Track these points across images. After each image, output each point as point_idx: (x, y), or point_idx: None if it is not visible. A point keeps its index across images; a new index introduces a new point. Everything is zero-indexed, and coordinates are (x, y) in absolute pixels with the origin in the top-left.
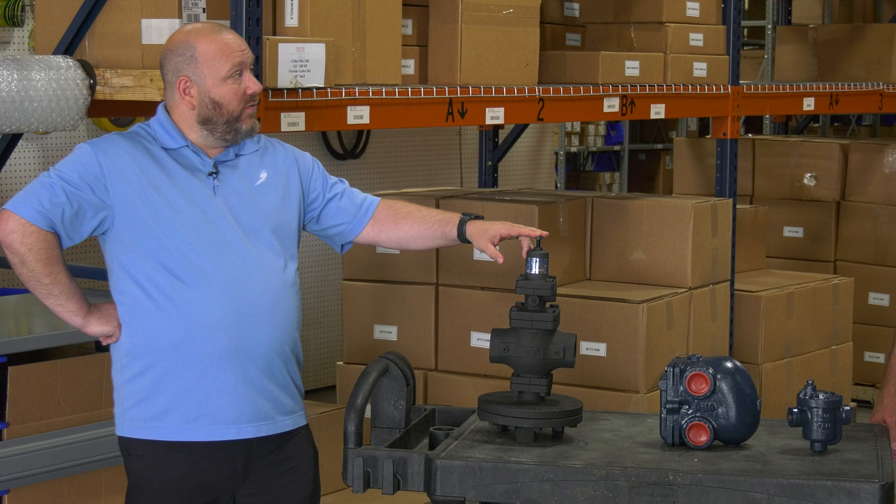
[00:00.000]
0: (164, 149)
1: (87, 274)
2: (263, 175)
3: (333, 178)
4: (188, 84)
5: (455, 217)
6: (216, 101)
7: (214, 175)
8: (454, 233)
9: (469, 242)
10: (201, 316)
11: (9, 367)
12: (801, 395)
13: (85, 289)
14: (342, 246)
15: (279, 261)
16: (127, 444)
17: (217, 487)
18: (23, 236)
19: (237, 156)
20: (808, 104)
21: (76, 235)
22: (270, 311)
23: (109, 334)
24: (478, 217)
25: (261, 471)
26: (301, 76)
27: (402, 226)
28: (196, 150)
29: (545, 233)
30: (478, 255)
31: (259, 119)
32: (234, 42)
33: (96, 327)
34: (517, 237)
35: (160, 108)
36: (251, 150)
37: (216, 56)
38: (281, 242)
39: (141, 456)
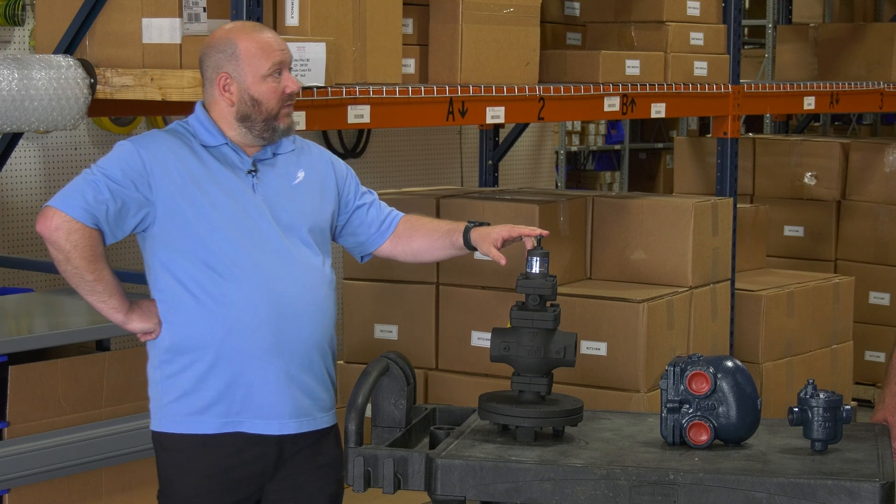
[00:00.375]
0: (204, 146)
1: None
2: (301, 174)
3: (364, 188)
4: (228, 81)
5: (461, 225)
6: (255, 99)
7: (253, 173)
8: (461, 241)
9: (475, 249)
10: (243, 312)
11: (9, 367)
12: (801, 395)
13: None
14: (362, 257)
15: (317, 258)
16: (163, 439)
17: (249, 483)
18: (68, 233)
19: (275, 154)
20: (809, 103)
21: (119, 232)
22: (310, 308)
23: (150, 331)
24: (482, 224)
25: (292, 467)
26: (302, 75)
27: (414, 238)
28: (235, 147)
29: (545, 232)
30: (478, 255)
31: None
32: (274, 41)
33: (137, 324)
34: (519, 238)
35: (198, 106)
36: (288, 149)
37: (257, 54)
38: (317, 240)
39: (178, 451)
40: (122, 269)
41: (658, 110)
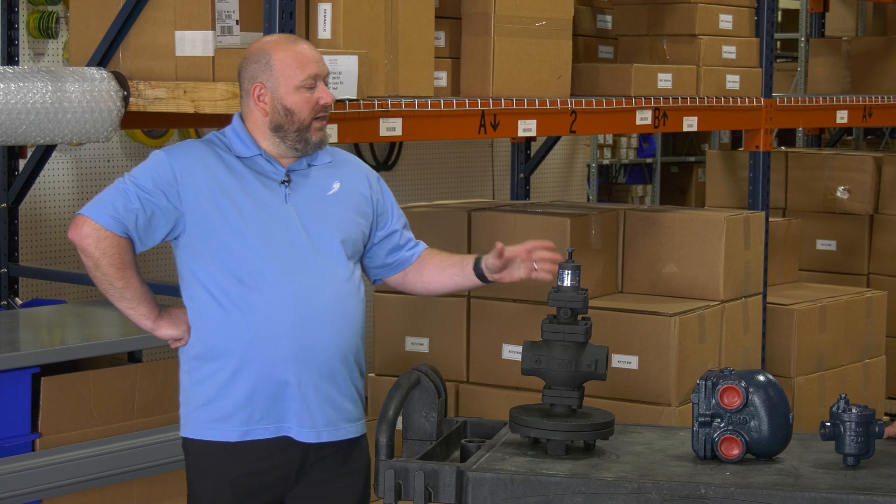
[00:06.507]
0: (238, 157)
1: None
2: (336, 185)
3: (400, 211)
4: (262, 91)
5: (473, 256)
6: (288, 109)
7: (287, 183)
8: (471, 263)
9: (482, 273)
10: (266, 321)
11: (42, 378)
12: (833, 409)
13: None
14: (375, 280)
15: (345, 270)
16: (189, 445)
17: (271, 490)
18: (97, 241)
19: (310, 166)
20: (842, 117)
21: (149, 241)
22: (334, 319)
23: (179, 338)
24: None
25: (314, 475)
26: (334, 88)
27: (426, 266)
28: (269, 158)
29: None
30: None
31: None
32: (309, 53)
33: (166, 330)
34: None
35: (235, 118)
36: (324, 160)
37: (291, 64)
38: (348, 252)
39: (201, 456)
40: (156, 280)
41: (690, 124)
